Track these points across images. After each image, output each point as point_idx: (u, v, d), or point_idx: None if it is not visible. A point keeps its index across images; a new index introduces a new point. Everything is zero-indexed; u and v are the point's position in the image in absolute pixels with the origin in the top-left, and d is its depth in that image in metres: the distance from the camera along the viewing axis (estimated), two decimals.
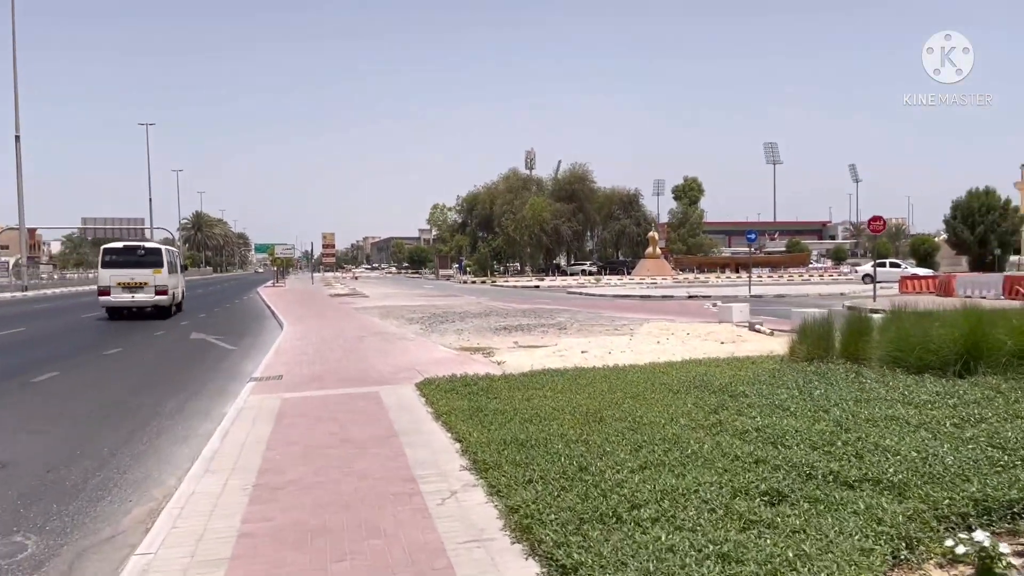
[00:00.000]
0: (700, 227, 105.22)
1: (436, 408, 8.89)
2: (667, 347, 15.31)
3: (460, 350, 16.21)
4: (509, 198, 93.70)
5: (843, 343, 10.74)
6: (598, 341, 16.82)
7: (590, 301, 35.20)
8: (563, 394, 9.24)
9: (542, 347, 16.40)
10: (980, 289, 29.46)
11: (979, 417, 6.58)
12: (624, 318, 23.32)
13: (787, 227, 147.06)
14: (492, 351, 15.72)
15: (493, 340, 18.04)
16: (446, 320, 23.52)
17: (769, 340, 15.78)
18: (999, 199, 79.78)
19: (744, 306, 20.44)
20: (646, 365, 12.04)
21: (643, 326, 20.17)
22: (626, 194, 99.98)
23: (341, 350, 16.15)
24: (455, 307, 30.12)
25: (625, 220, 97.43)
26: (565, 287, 54.62)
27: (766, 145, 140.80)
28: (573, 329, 20.22)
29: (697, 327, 18.96)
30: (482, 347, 16.58)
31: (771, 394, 8.46)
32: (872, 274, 51.71)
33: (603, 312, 25.99)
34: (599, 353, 14.54)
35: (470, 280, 75.71)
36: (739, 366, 11.22)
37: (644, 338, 17.24)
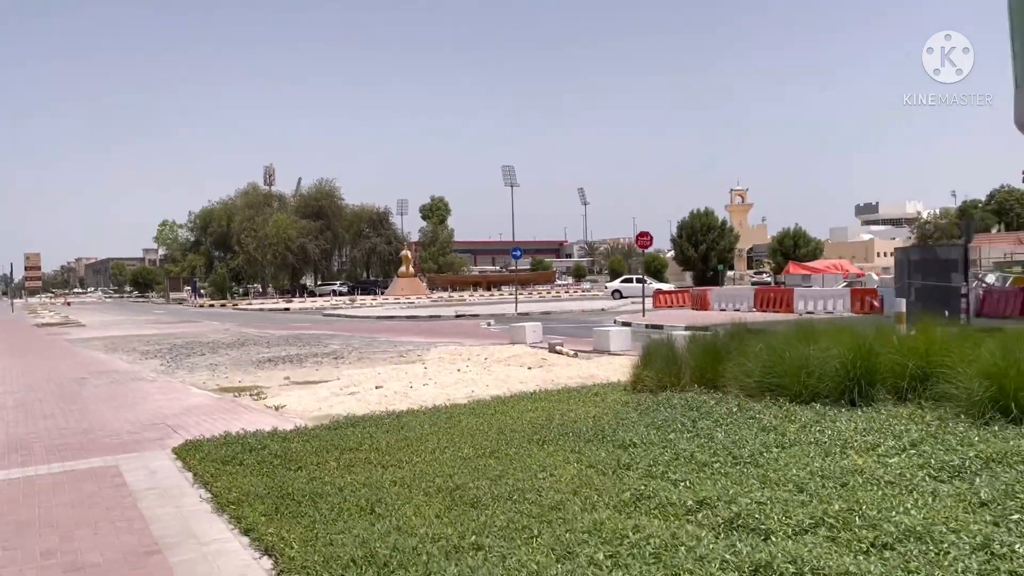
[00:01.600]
0: (450, 246, 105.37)
1: (216, 492, 6.11)
2: (472, 376, 13.32)
3: (220, 391, 13.06)
4: (249, 214, 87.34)
5: (697, 368, 9.38)
6: (389, 372, 14.42)
7: (353, 324, 32.44)
8: (393, 456, 6.85)
9: (323, 382, 13.71)
10: (734, 302, 30.91)
11: (958, 467, 5.25)
12: (404, 342, 21.04)
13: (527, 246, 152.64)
14: (262, 391, 12.77)
15: (259, 376, 14.97)
16: (193, 352, 19.75)
17: (579, 363, 14.37)
18: (717, 219, 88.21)
19: (536, 325, 19.07)
20: (471, 404, 9.92)
21: (431, 351, 18.06)
22: (376, 212, 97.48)
23: (55, 399, 12.29)
24: (199, 335, 25.99)
25: (376, 238, 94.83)
26: (318, 309, 50.98)
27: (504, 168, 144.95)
28: (352, 358, 17.60)
29: (492, 350, 17.20)
30: (247, 386, 13.53)
31: (663, 441, 6.72)
32: (620, 290, 54.07)
33: (377, 336, 23.51)
34: (399, 388, 12.19)
35: (207, 303, 68.97)
36: (583, 400, 9.47)
37: (440, 366, 15.12)
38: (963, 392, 6.65)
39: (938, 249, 19.51)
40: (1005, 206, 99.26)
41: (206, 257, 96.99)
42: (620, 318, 28.30)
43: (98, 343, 24.03)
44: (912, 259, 18.89)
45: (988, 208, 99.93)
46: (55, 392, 13.15)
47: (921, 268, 18.68)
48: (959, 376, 6.88)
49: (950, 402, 6.84)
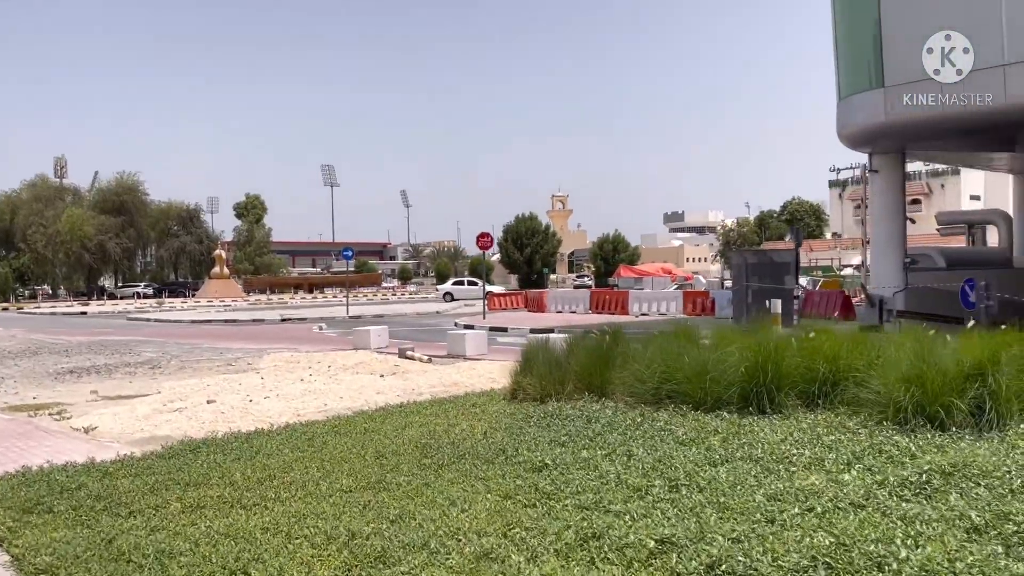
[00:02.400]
0: (268, 246, 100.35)
1: (18, 554, 4.59)
2: (320, 386, 11.96)
3: (10, 410, 10.90)
4: (38, 208, 78.68)
5: (583, 375, 8.66)
6: (220, 383, 12.70)
7: (166, 329, 29.44)
8: (255, 493, 5.56)
9: (140, 397, 11.85)
10: (570, 304, 30.98)
11: (920, 483, 4.77)
12: (231, 349, 19.03)
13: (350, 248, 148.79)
14: (65, 409, 10.76)
15: (59, 391, 12.74)
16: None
17: (437, 369, 13.33)
18: (541, 224, 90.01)
19: (382, 329, 17.79)
20: (330, 420, 8.66)
21: (263, 359, 16.36)
22: (185, 209, 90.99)
23: None
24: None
25: (186, 237, 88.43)
26: (122, 312, 46.35)
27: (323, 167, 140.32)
28: (171, 367, 15.54)
29: (335, 357, 15.80)
30: (46, 404, 11.41)
31: (578, 460, 5.89)
32: (452, 292, 53.33)
33: (197, 342, 21.21)
34: (235, 402, 10.63)
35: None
36: (462, 412, 8.49)
37: (278, 375, 13.56)
38: (883, 397, 6.31)
39: (772, 254, 20.27)
40: (796, 216, 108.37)
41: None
42: (460, 321, 27.49)
43: None
44: (750, 262, 19.47)
45: (782, 218, 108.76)
46: None
47: (758, 271, 19.27)
48: (873, 381, 6.55)
49: (867, 408, 6.50)
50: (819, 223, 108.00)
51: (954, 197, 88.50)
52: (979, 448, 5.49)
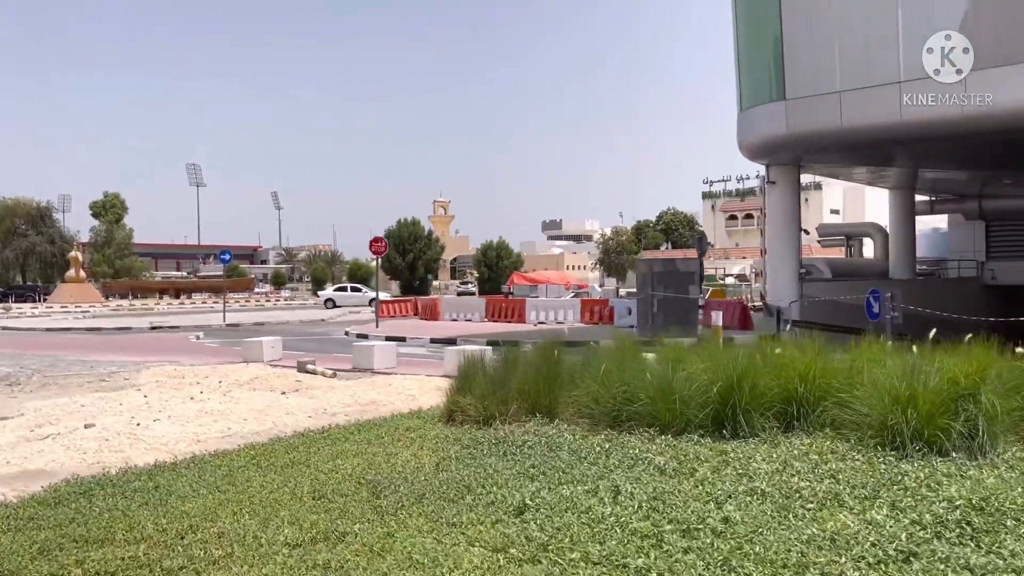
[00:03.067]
0: (129, 247, 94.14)
1: None
2: (215, 406, 10.69)
3: None
4: None
5: (529, 394, 7.93)
6: (96, 403, 11.17)
7: (18, 338, 26.57)
8: (182, 554, 4.51)
9: (5, 420, 10.21)
10: (465, 312, 30.19)
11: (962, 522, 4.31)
12: (101, 362, 17.10)
13: (218, 251, 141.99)
14: None
15: None
16: None
17: (346, 386, 12.22)
18: (424, 229, 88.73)
19: (275, 340, 16.40)
20: (243, 449, 7.55)
21: (142, 373, 14.73)
22: (35, 206, 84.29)
23: None
24: None
25: (35, 237, 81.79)
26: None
27: (189, 166, 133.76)
28: (33, 384, 13.68)
29: (225, 371, 14.39)
30: None
31: (561, 499, 5.16)
32: (334, 298, 51.49)
33: (59, 354, 19.01)
34: (120, 427, 9.27)
35: None
36: (398, 439, 7.57)
37: (163, 392, 12.11)
38: (872, 420, 5.92)
39: (678, 262, 20.25)
40: (672, 226, 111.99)
41: None
42: (351, 330, 26.18)
43: None
44: (656, 271, 19.34)
45: (658, 228, 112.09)
46: None
47: (663, 280, 19.17)
48: (857, 402, 6.16)
49: (853, 431, 6.11)
50: (692, 233, 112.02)
51: (816, 211, 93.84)
52: (989, 477, 5.14)
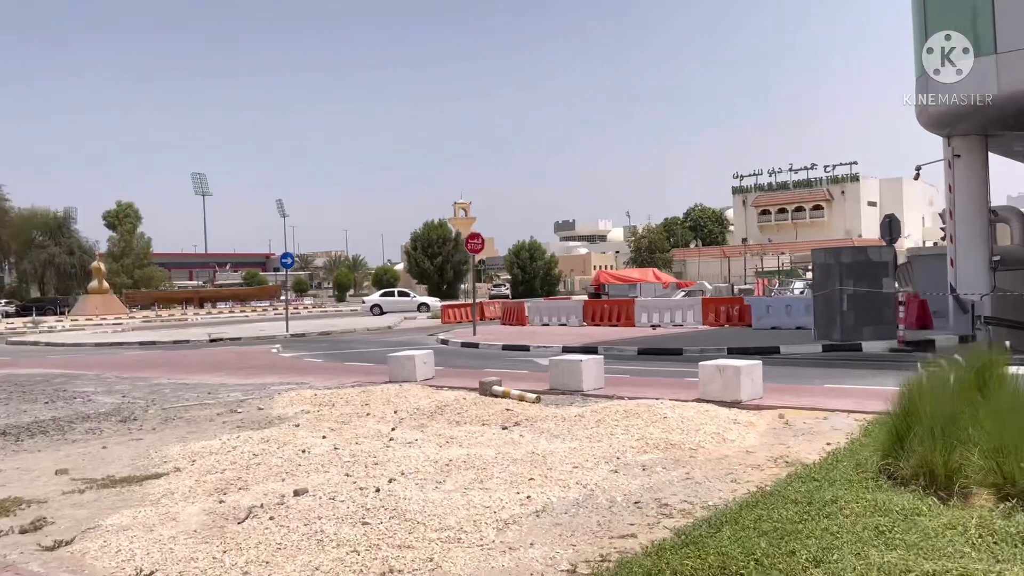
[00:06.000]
0: (148, 257, 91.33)
1: None
2: (447, 453, 7.83)
3: None
4: None
5: None
6: (255, 446, 8.28)
7: (74, 356, 23.70)
8: None
9: (148, 479, 7.45)
10: (558, 316, 27.20)
11: None
12: (206, 384, 14.19)
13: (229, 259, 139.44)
14: (41, 519, 6.27)
15: (3, 469, 7.97)
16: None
17: (574, 415, 9.25)
18: (451, 231, 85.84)
19: (426, 355, 13.45)
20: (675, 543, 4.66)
21: (275, 400, 11.84)
22: (53, 217, 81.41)
23: None
24: None
25: (54, 248, 79.02)
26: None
27: (194, 175, 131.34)
28: (151, 418, 10.77)
29: (381, 395, 11.42)
30: (9, 501, 6.77)
31: None
32: (381, 304, 48.51)
33: (147, 376, 16.05)
34: (346, 492, 6.41)
35: None
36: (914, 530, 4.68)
37: (338, 430, 9.23)
38: None
39: (870, 251, 17.31)
40: (700, 222, 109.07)
41: None
42: (449, 337, 23.30)
43: None
44: (843, 262, 16.38)
45: (686, 225, 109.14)
46: None
47: (853, 272, 16.24)
48: None
49: None
50: (722, 230, 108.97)
51: (854, 203, 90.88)
52: None
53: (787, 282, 36.70)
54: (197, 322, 47.75)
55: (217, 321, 48.64)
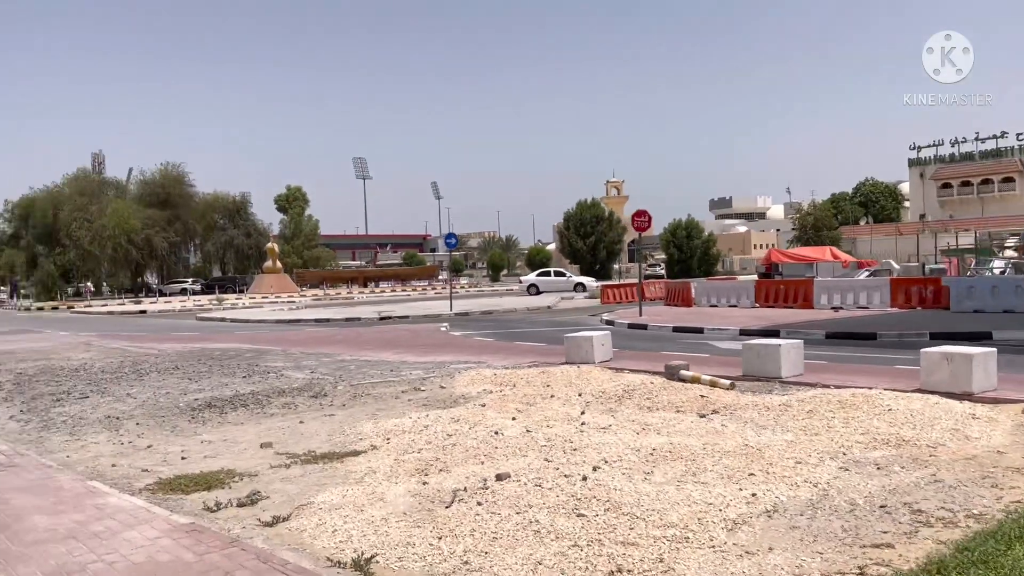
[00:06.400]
0: (316, 238, 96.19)
1: None
2: (645, 441, 7.41)
3: (163, 490, 6.47)
4: (82, 203, 74.94)
5: None
6: (445, 425, 8.18)
7: (257, 332, 25.12)
8: None
9: (347, 456, 7.46)
10: (728, 297, 26.04)
11: None
12: (387, 362, 14.49)
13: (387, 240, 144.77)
14: (257, 492, 6.34)
15: (209, 441, 8.30)
16: (60, 390, 12.18)
17: (779, 404, 8.57)
18: (604, 211, 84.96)
19: (604, 336, 13.00)
20: None
21: (456, 379, 11.82)
22: (232, 201, 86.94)
23: None
24: (53, 355, 18.10)
25: (233, 231, 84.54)
26: (186, 311, 42.36)
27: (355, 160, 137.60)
28: (341, 395, 11.02)
29: (561, 376, 11.13)
30: (210, 472, 6.97)
31: None
32: (537, 284, 48.65)
33: (330, 352, 16.65)
34: (550, 477, 6.10)
35: (34, 306, 57.79)
36: None
37: (525, 410, 9.02)
38: None
39: None
40: (871, 198, 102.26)
41: (27, 252, 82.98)
42: (615, 318, 22.82)
43: None
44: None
45: (855, 201, 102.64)
46: None
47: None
48: None
49: None
50: (896, 205, 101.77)
51: None
52: None
53: (984, 261, 33.46)
54: (363, 300, 49.70)
55: (381, 300, 50.45)
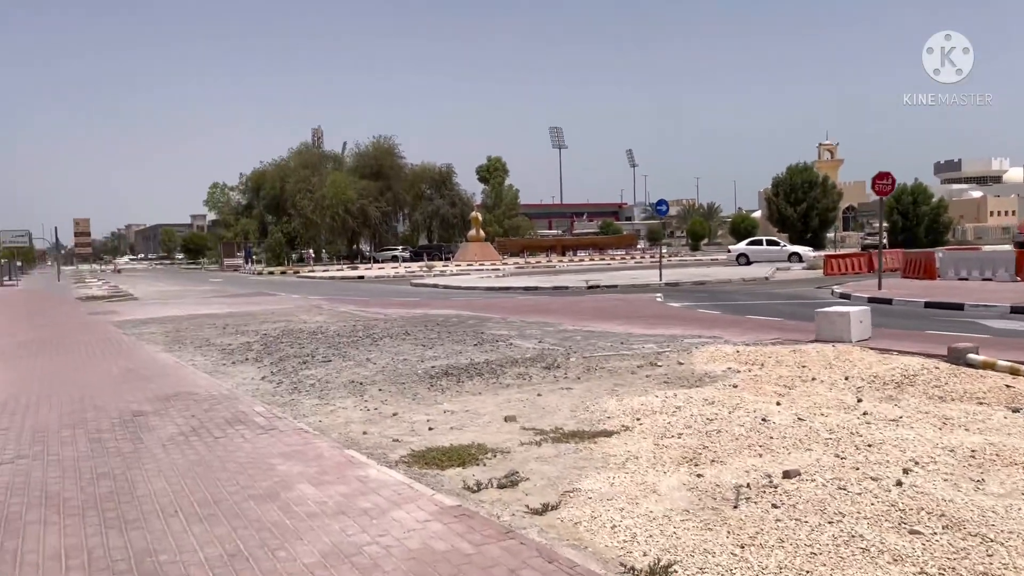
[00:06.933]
0: (516, 208, 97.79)
1: None
2: (953, 440, 6.27)
3: (418, 462, 6.23)
4: (305, 175, 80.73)
5: None
6: (696, 407, 7.39)
7: (470, 298, 25.53)
8: None
9: (599, 435, 6.92)
10: (975, 269, 23.11)
11: None
12: (613, 333, 13.94)
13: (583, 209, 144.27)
14: (515, 473, 5.93)
15: (451, 411, 8.07)
16: (303, 352, 12.67)
17: None
18: (817, 175, 79.50)
19: (861, 312, 11.71)
20: None
21: (693, 354, 10.98)
22: (438, 171, 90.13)
23: (75, 492, 5.44)
24: (290, 317, 19.20)
25: (439, 200, 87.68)
26: (399, 277, 44.35)
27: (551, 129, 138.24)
28: (573, 366, 10.57)
29: (817, 356, 10.01)
30: (459, 446, 6.67)
31: None
32: (747, 253, 46.24)
33: (551, 321, 16.38)
34: (855, 480, 5.16)
35: (265, 271, 63.05)
36: None
37: (788, 394, 8.07)
38: None
39: None
40: None
41: (259, 221, 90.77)
42: (838, 289, 20.90)
43: (156, 329, 17.42)
44: None
45: None
46: (80, 460, 6.35)
47: None
48: None
49: None
50: None
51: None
52: None
53: None
54: (564, 269, 49.67)
55: (582, 268, 50.17)
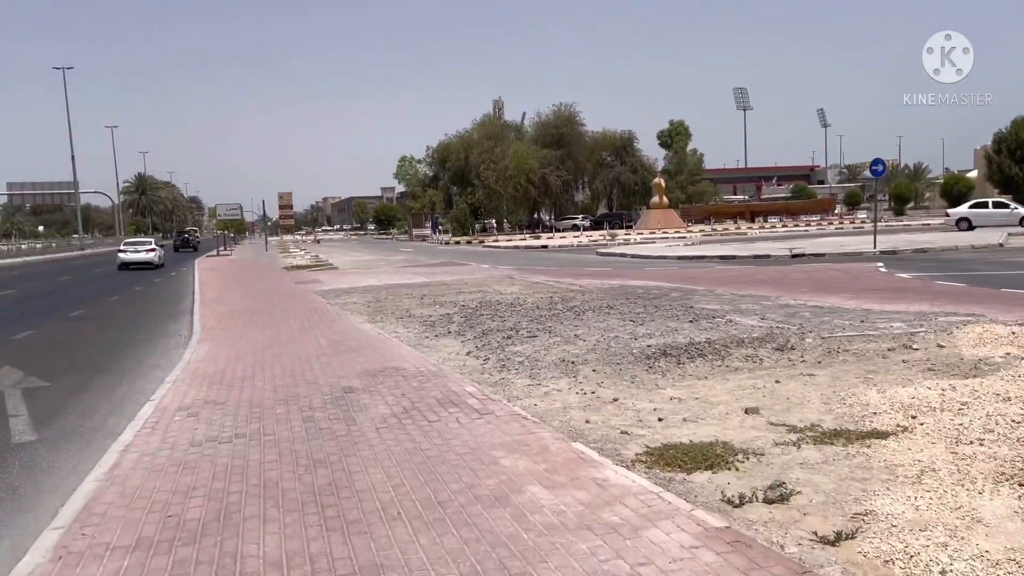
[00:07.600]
0: (701, 173, 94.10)
1: None
2: None
3: (664, 470, 5.32)
4: (488, 146, 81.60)
5: None
6: None
7: (664, 268, 24.35)
8: None
9: (871, 439, 5.69)
10: None
11: None
12: (846, 310, 12.40)
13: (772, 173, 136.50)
14: (780, 486, 4.88)
15: (679, 399, 7.16)
16: (505, 326, 12.12)
17: None
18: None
19: None
20: None
21: (955, 335, 9.39)
22: (618, 137, 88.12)
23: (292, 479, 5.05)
24: (484, 288, 18.95)
25: (619, 167, 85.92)
26: (582, 246, 43.70)
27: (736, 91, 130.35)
28: (811, 349, 9.32)
29: None
30: (705, 446, 5.70)
31: None
32: (969, 218, 41.63)
33: (768, 295, 14.95)
34: None
35: (452, 240, 64.48)
36: None
37: None
38: None
39: None
40: None
41: (444, 192, 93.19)
42: None
43: (357, 299, 17.72)
44: None
45: None
46: (295, 442, 6.04)
47: None
48: None
49: None
50: None
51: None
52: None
53: None
54: (758, 236, 47.00)
55: (776, 235, 47.26)
